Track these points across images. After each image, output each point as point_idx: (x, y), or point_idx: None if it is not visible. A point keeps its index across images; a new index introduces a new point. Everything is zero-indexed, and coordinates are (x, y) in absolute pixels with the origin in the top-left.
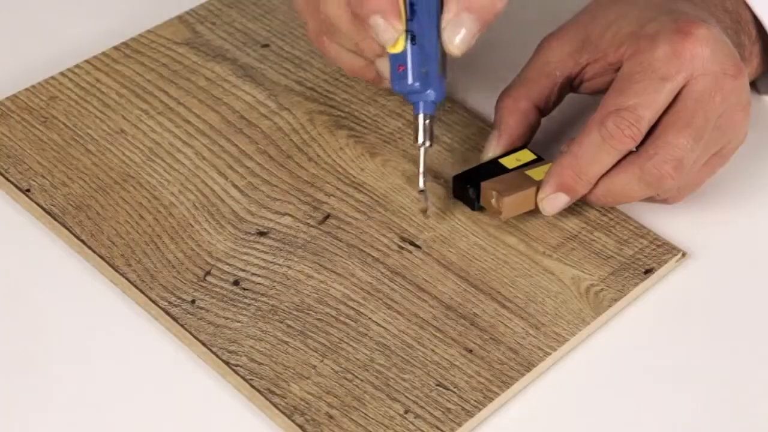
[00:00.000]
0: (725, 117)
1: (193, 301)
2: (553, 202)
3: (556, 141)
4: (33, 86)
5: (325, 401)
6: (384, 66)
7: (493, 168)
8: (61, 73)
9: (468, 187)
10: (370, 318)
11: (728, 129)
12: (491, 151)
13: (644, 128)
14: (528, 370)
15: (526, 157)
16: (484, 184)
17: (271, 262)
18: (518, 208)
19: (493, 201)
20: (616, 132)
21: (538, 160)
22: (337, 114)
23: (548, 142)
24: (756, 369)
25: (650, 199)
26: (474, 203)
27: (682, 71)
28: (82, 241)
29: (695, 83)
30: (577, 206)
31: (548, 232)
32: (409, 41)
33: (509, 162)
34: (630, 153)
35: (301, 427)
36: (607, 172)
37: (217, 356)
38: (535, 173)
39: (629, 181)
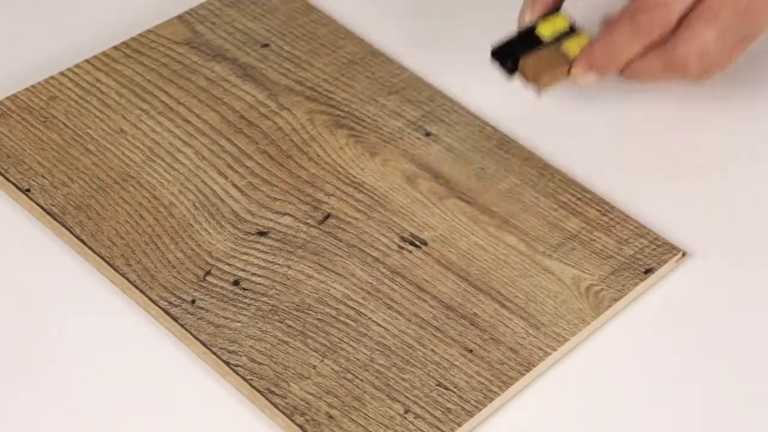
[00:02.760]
0: (753, 5)
1: (193, 301)
2: (583, 78)
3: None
4: (33, 86)
5: (325, 401)
6: None
7: (530, 39)
8: (61, 73)
9: (506, 61)
10: (370, 318)
11: (757, 15)
12: (527, 16)
13: (674, 23)
14: (528, 370)
15: (561, 24)
16: (522, 62)
17: (271, 262)
18: (553, 80)
19: (530, 76)
20: (647, 27)
21: (573, 32)
22: (337, 114)
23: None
24: (756, 369)
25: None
26: (511, 72)
27: None
28: (82, 241)
29: None
30: (577, 206)
31: (548, 232)
32: None
33: (545, 29)
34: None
35: (301, 427)
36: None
37: (217, 356)
38: (571, 48)
39: (656, 67)
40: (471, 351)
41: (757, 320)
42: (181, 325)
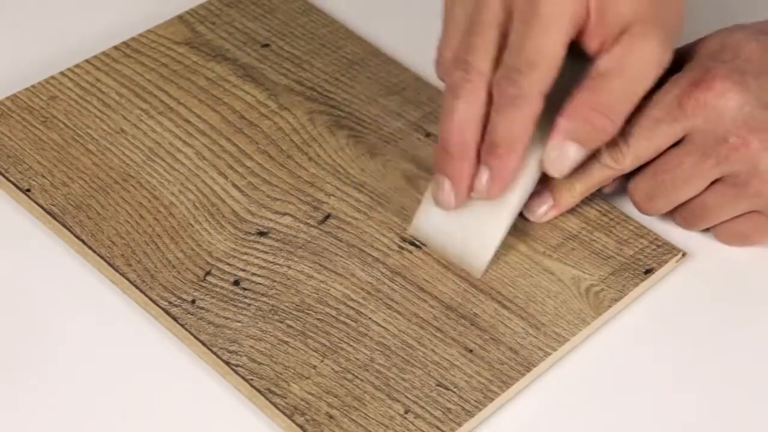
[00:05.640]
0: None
1: (193, 301)
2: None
3: None
4: (33, 86)
5: (326, 401)
6: None
7: None
8: (61, 73)
9: None
10: (370, 318)
11: None
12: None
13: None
14: (528, 370)
15: None
16: None
17: (272, 262)
18: None
19: None
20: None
21: None
22: (337, 114)
23: None
24: (756, 369)
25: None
26: None
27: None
28: (82, 241)
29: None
30: (577, 206)
31: (548, 232)
32: None
33: None
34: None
35: (301, 427)
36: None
37: (217, 356)
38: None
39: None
40: (471, 351)
41: (757, 320)
42: (182, 325)
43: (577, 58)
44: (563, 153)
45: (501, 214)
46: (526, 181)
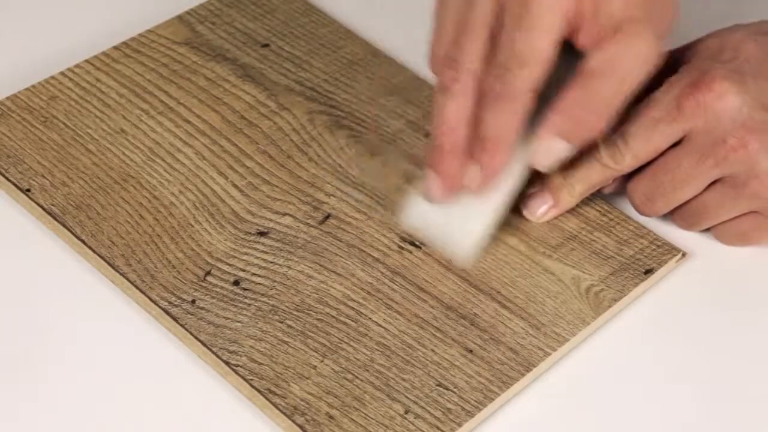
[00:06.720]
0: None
1: (193, 301)
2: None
3: None
4: (33, 86)
5: (326, 401)
6: None
7: None
8: (61, 73)
9: None
10: (370, 318)
11: None
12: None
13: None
14: (528, 370)
15: None
16: None
17: (272, 262)
18: None
19: None
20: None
21: None
22: (337, 114)
23: None
24: (756, 369)
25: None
26: None
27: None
28: (82, 241)
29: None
30: (577, 206)
31: (548, 232)
32: None
33: None
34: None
35: (301, 427)
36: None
37: (218, 356)
38: None
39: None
40: (471, 351)
41: (757, 320)
42: (182, 326)
43: (570, 53)
44: (551, 148)
45: (487, 205)
46: (515, 174)
